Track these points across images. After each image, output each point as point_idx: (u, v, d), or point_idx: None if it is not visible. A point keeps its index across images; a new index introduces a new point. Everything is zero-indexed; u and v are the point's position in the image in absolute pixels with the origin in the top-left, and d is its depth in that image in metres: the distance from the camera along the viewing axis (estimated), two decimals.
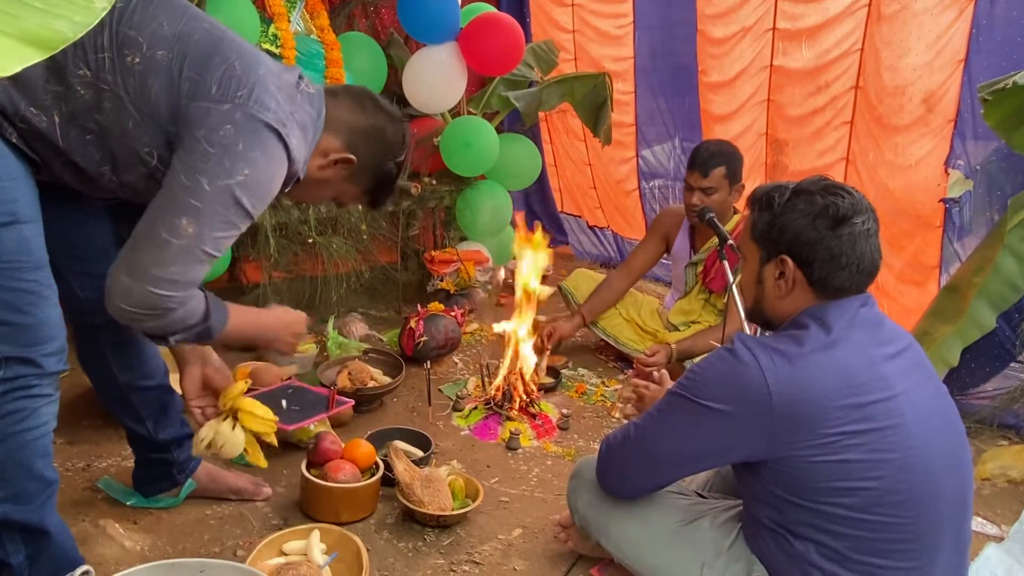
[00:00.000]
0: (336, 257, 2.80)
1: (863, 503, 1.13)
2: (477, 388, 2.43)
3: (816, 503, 1.15)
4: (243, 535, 1.62)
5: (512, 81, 3.42)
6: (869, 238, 1.19)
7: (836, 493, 1.14)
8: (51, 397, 1.21)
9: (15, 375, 1.14)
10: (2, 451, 1.15)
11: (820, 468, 1.14)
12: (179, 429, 1.63)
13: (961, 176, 2.41)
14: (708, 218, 2.38)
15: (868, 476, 1.13)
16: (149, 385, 1.55)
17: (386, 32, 3.46)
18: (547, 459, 2.08)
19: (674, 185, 3.64)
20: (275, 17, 2.81)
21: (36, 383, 1.17)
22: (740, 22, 3.08)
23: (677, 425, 1.26)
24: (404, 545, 1.64)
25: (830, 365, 1.15)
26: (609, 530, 1.44)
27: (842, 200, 1.19)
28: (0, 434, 1.14)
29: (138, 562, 1.41)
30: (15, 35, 0.48)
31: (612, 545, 1.44)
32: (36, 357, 1.16)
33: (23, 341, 1.14)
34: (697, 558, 1.33)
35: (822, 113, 2.88)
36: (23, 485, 1.19)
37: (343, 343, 2.56)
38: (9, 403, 1.15)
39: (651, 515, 1.40)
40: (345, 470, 1.69)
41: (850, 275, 1.19)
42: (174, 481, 1.66)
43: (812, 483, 1.15)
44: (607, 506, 1.44)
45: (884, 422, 1.13)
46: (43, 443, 1.21)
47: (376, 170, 1.40)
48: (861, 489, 1.13)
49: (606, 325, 2.77)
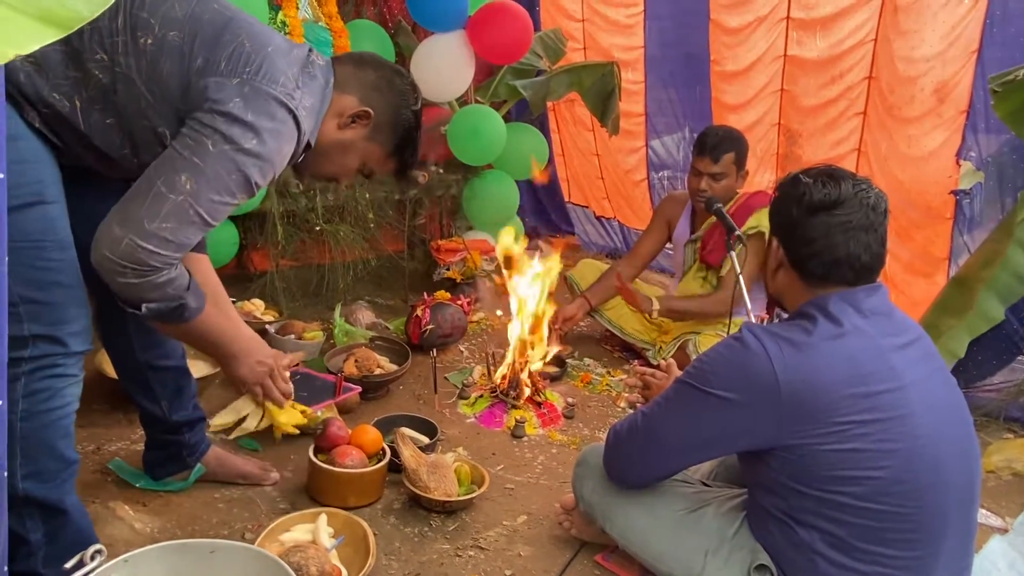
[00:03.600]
0: (343, 245, 2.80)
1: (869, 492, 1.14)
2: (483, 376, 2.44)
3: (822, 491, 1.16)
4: (251, 518, 1.64)
5: (520, 70, 3.40)
6: (849, 231, 1.18)
7: (842, 482, 1.14)
8: (75, 378, 1.22)
9: (41, 353, 1.16)
10: (26, 429, 1.16)
11: (826, 456, 1.14)
12: (192, 412, 1.64)
13: (972, 168, 2.40)
14: (716, 208, 2.38)
15: (874, 465, 1.13)
16: (167, 365, 1.57)
17: (394, 20, 3.45)
18: (552, 447, 2.09)
19: (683, 176, 3.62)
20: (283, 4, 2.81)
21: (62, 362, 1.18)
22: (755, 11, 3.05)
23: (685, 414, 1.27)
24: (410, 530, 1.65)
25: (838, 354, 1.15)
26: (614, 517, 1.44)
27: (825, 189, 1.20)
28: (25, 412, 1.16)
29: (148, 544, 1.42)
30: (33, 14, 0.48)
31: (616, 532, 1.45)
32: (62, 335, 1.17)
33: (49, 319, 1.15)
34: (701, 546, 1.34)
35: (836, 103, 2.86)
36: (45, 463, 1.20)
37: (350, 331, 2.57)
38: (35, 382, 1.16)
39: (656, 503, 1.41)
40: (352, 455, 1.70)
41: (822, 263, 1.20)
42: (184, 464, 1.68)
43: (818, 471, 1.15)
44: (612, 493, 1.44)
45: (891, 412, 1.13)
46: (66, 423, 1.22)
47: (395, 121, 1.38)
48: (867, 478, 1.13)
49: (611, 315, 2.77)
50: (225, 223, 2.58)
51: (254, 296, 2.76)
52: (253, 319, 2.65)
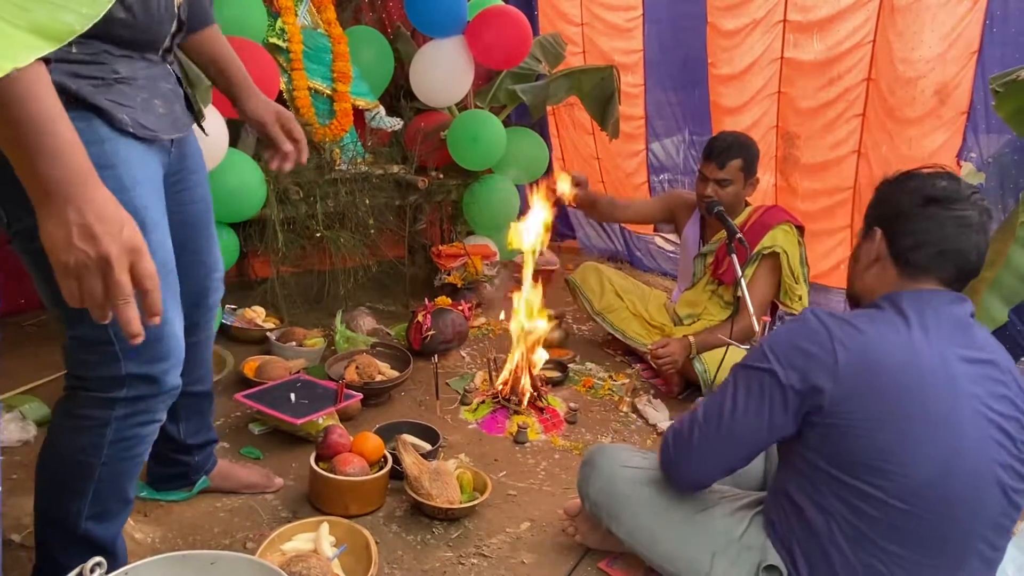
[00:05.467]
0: (344, 251, 2.80)
1: (899, 490, 1.12)
2: (484, 382, 2.43)
3: (852, 478, 1.14)
4: (253, 527, 1.63)
5: (519, 75, 3.41)
6: (962, 227, 1.17)
7: (874, 472, 1.12)
8: (161, 421, 1.19)
9: (136, 395, 1.11)
10: (105, 474, 1.14)
11: (865, 442, 1.12)
12: (206, 435, 1.63)
13: (973, 169, 2.39)
14: (716, 211, 2.37)
15: (911, 464, 1.11)
16: (197, 391, 1.55)
17: (393, 26, 3.45)
18: (555, 453, 2.08)
19: (683, 178, 3.62)
20: (282, 11, 2.81)
21: (155, 406, 1.15)
22: (751, 14, 3.05)
23: (747, 397, 1.23)
24: (412, 538, 1.64)
25: (900, 344, 1.14)
26: (621, 517, 1.43)
27: (943, 182, 1.19)
28: (108, 458, 1.13)
29: (149, 554, 1.42)
30: (25, 27, 0.48)
31: (623, 531, 1.43)
32: (157, 373, 1.12)
33: (146, 358, 1.10)
34: (709, 546, 1.33)
35: (834, 106, 2.85)
36: (110, 505, 1.19)
37: (351, 337, 2.57)
38: (126, 429, 1.13)
39: (664, 503, 1.40)
40: (354, 463, 1.69)
41: (928, 255, 1.18)
42: (188, 481, 1.67)
43: (853, 456, 1.14)
44: (619, 494, 1.44)
45: (940, 416, 1.11)
46: (139, 467, 1.21)
47: None
48: (900, 475, 1.11)
49: (613, 319, 2.77)
50: (225, 230, 2.58)
51: (255, 303, 2.76)
52: (254, 326, 2.65)
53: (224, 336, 2.57)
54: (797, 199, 3.10)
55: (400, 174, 3.00)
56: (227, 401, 2.13)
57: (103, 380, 1.11)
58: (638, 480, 1.44)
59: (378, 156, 3.08)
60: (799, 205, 3.07)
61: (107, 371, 1.10)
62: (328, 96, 2.93)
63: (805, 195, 3.08)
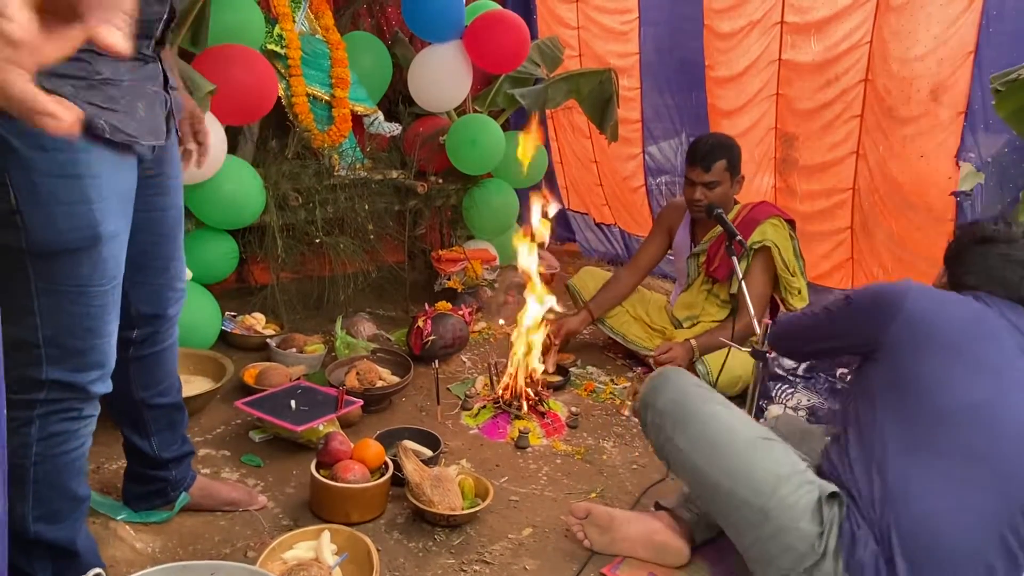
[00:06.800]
0: (343, 257, 2.80)
1: (953, 406, 1.25)
2: (485, 387, 2.43)
3: (905, 395, 1.29)
4: (253, 536, 1.62)
5: (517, 78, 3.41)
6: (1008, 261, 1.37)
7: (925, 392, 1.28)
8: (92, 417, 1.18)
9: (57, 398, 1.11)
10: (39, 472, 1.13)
11: (919, 369, 1.29)
12: (181, 447, 1.58)
13: (972, 169, 2.39)
14: (716, 214, 2.37)
15: (966, 390, 1.26)
16: (163, 403, 1.51)
17: (391, 31, 3.45)
18: (556, 458, 2.08)
19: (680, 181, 3.62)
20: (280, 17, 2.81)
21: (79, 406, 1.14)
22: (747, 16, 3.05)
23: (827, 318, 1.54)
24: (414, 545, 1.64)
25: (969, 307, 1.33)
26: (688, 427, 1.45)
27: (996, 227, 1.41)
28: (39, 456, 1.12)
29: (149, 564, 1.41)
30: None
31: (685, 441, 1.44)
32: (82, 382, 1.12)
33: (72, 365, 1.10)
34: (774, 470, 1.34)
35: (832, 107, 2.85)
36: (58, 505, 1.17)
37: (351, 343, 2.56)
38: (51, 425, 1.12)
39: (732, 423, 1.43)
40: (355, 470, 1.68)
41: (976, 276, 1.40)
42: (167, 498, 1.61)
43: (908, 378, 1.30)
44: (691, 405, 1.47)
45: (993, 369, 1.26)
46: (80, 463, 1.19)
47: None
48: (953, 396, 1.26)
49: (614, 323, 2.76)
50: (224, 236, 2.58)
51: (255, 310, 2.76)
52: (254, 333, 2.65)
53: (224, 343, 2.56)
54: (796, 200, 3.10)
55: (399, 179, 3.00)
56: (227, 408, 2.12)
57: (23, 381, 1.09)
58: (708, 399, 1.49)
59: (377, 161, 3.08)
60: (798, 206, 3.07)
61: (28, 372, 1.08)
62: (327, 102, 2.93)
63: (804, 196, 3.08)
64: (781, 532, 1.28)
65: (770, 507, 1.29)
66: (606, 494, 1.90)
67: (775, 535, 1.28)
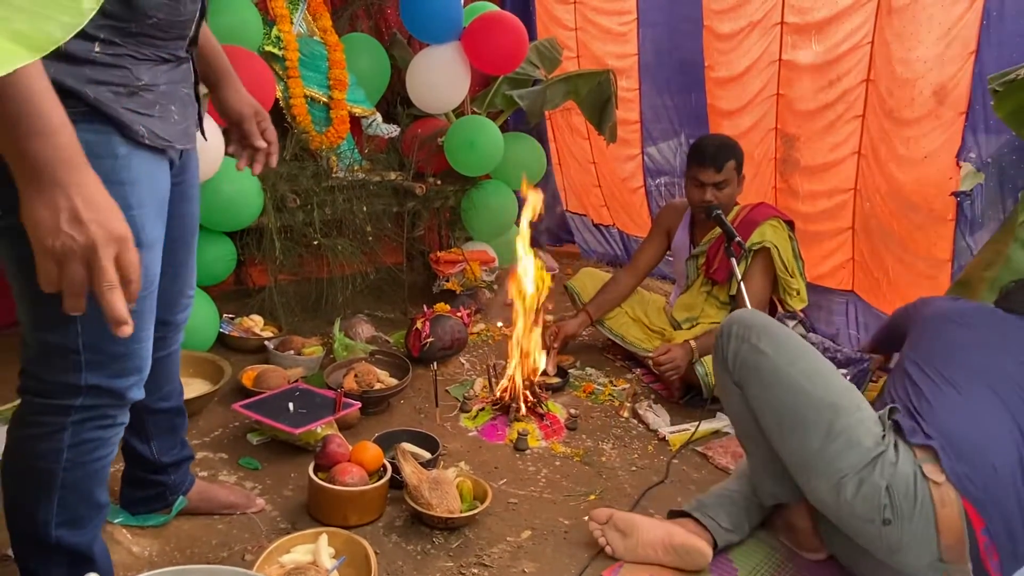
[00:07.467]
0: (341, 259, 2.79)
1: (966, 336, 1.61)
2: (484, 389, 2.42)
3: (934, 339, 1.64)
4: (251, 539, 1.61)
5: (516, 80, 3.40)
6: None
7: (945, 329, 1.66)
8: (123, 426, 1.18)
9: (93, 404, 1.10)
10: (68, 479, 1.13)
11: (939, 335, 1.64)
12: (180, 452, 1.58)
13: (973, 169, 2.38)
14: (715, 215, 2.36)
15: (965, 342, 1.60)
16: (165, 407, 1.51)
17: (389, 32, 3.45)
18: (555, 460, 2.07)
19: (680, 182, 3.61)
20: (278, 19, 2.81)
21: (112, 413, 1.13)
22: (748, 16, 3.05)
23: None
24: (412, 548, 1.63)
25: (960, 306, 1.76)
26: (776, 336, 1.52)
27: None
28: (68, 463, 1.12)
29: (146, 568, 1.40)
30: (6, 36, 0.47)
31: (770, 345, 1.50)
32: (120, 387, 1.11)
33: (111, 371, 1.09)
34: (847, 384, 1.47)
35: (833, 107, 2.85)
36: (81, 511, 1.17)
37: (349, 345, 2.56)
38: (84, 432, 1.11)
39: (815, 354, 1.51)
40: (353, 473, 1.68)
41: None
42: (165, 502, 1.61)
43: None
44: (777, 328, 1.54)
45: (980, 325, 1.64)
46: (106, 471, 1.19)
47: None
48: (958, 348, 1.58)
49: (612, 324, 2.75)
50: (222, 238, 2.57)
51: (253, 312, 2.75)
52: (252, 335, 2.64)
53: (222, 345, 2.56)
54: (798, 201, 3.10)
55: (397, 181, 2.99)
56: (225, 411, 2.11)
57: (60, 386, 1.08)
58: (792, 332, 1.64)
59: (375, 163, 3.08)
60: (800, 207, 3.06)
61: (66, 378, 1.08)
62: (324, 104, 2.92)
63: (806, 197, 3.07)
64: (852, 427, 1.37)
65: (843, 404, 1.41)
66: (605, 496, 1.89)
67: (845, 431, 1.37)
